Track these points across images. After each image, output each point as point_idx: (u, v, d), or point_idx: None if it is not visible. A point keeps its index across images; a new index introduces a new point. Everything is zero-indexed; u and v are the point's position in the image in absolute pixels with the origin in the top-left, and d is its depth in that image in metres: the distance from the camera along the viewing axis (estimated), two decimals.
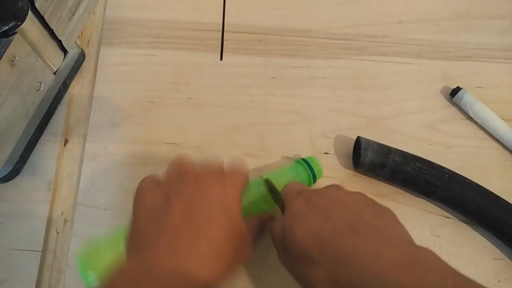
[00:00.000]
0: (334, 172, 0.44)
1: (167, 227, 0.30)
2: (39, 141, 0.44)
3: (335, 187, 0.34)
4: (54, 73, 0.42)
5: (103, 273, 0.33)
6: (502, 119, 0.46)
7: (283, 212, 0.36)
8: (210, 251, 0.29)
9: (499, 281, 0.41)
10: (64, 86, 0.45)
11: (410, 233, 0.30)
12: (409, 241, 0.29)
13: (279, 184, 0.38)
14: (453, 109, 0.47)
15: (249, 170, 0.37)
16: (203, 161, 0.36)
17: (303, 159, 0.41)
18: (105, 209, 0.42)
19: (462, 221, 0.43)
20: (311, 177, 0.40)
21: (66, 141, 0.44)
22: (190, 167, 0.34)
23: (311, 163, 0.41)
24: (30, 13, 0.35)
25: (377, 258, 0.27)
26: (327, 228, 0.30)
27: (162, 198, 0.31)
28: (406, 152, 0.42)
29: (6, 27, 0.33)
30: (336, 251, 0.28)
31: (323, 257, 0.29)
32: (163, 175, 0.34)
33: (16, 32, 0.34)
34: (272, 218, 0.38)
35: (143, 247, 0.29)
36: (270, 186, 0.38)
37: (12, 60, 0.35)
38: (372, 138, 0.43)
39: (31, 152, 0.43)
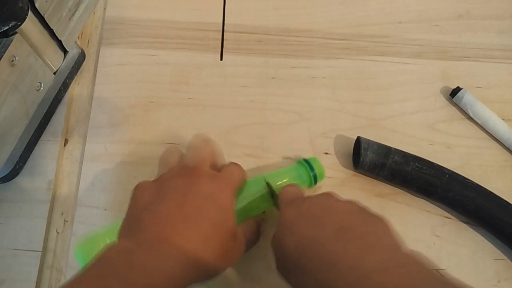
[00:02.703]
0: (334, 172, 0.44)
1: (160, 215, 0.30)
2: (39, 141, 0.44)
3: (326, 195, 0.34)
4: (54, 73, 0.42)
5: None
6: (502, 119, 0.46)
7: None
8: (198, 240, 0.30)
9: (499, 281, 0.41)
10: (64, 86, 0.45)
11: (410, 233, 0.30)
12: (395, 246, 0.29)
13: (279, 185, 0.38)
14: (453, 109, 0.47)
15: (244, 172, 0.37)
16: (192, 150, 0.36)
17: (305, 160, 0.41)
18: (105, 209, 0.42)
19: (462, 221, 0.43)
20: (312, 178, 0.40)
21: (66, 141, 0.44)
22: (183, 161, 0.35)
23: (312, 164, 0.40)
24: (30, 13, 0.35)
25: (361, 263, 0.27)
26: (314, 236, 0.30)
27: (157, 190, 0.33)
28: (406, 152, 0.42)
29: (6, 27, 0.33)
30: (322, 258, 0.28)
31: (311, 264, 0.29)
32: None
33: (16, 32, 0.34)
34: (265, 221, 0.39)
35: (134, 230, 0.30)
36: (270, 189, 0.38)
37: (12, 60, 0.35)
38: (372, 138, 0.43)
39: (31, 152, 0.43)
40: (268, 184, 0.38)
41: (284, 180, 0.40)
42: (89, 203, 0.42)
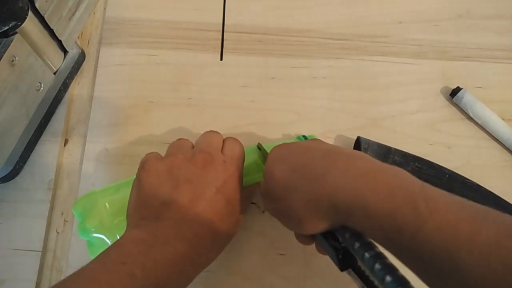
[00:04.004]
0: None
1: (173, 206, 0.31)
2: (39, 141, 0.44)
3: (315, 139, 0.37)
4: (54, 73, 0.42)
5: (100, 222, 0.35)
6: (502, 119, 0.46)
7: None
8: (209, 236, 0.31)
9: None
10: (64, 86, 0.45)
11: None
12: (379, 162, 0.30)
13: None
14: (453, 109, 0.47)
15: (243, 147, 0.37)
16: (205, 141, 0.36)
17: (303, 136, 0.42)
18: None
19: None
20: None
21: (66, 141, 0.44)
22: (196, 150, 0.35)
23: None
24: (30, 13, 0.35)
25: (348, 171, 0.29)
26: (303, 159, 0.32)
27: (170, 175, 0.33)
28: (406, 152, 0.42)
29: (6, 27, 0.33)
30: (310, 173, 0.30)
31: (299, 182, 0.30)
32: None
33: (16, 32, 0.34)
34: (258, 187, 0.40)
35: (148, 219, 0.31)
36: (262, 150, 0.39)
37: (12, 60, 0.35)
38: (372, 138, 0.43)
39: (31, 152, 0.43)
40: (259, 146, 0.39)
41: None
42: None
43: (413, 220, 0.24)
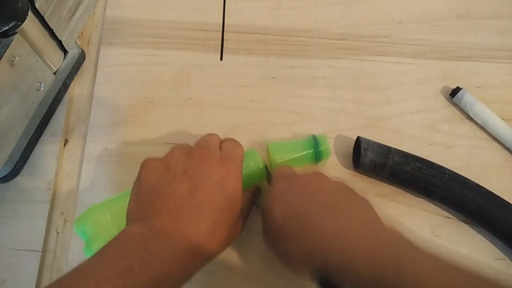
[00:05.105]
0: (334, 172, 0.44)
1: (171, 200, 0.31)
2: (39, 141, 0.44)
3: (317, 173, 0.36)
4: (54, 73, 0.42)
5: (100, 232, 0.35)
6: (502, 119, 0.46)
7: None
8: (208, 229, 0.31)
9: (499, 281, 0.40)
10: (64, 86, 0.45)
11: (410, 233, 0.30)
12: (374, 219, 0.32)
13: (282, 153, 0.41)
14: (453, 109, 0.47)
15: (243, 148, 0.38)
16: (203, 140, 0.37)
17: (313, 136, 0.42)
18: None
19: (462, 221, 0.43)
20: (314, 154, 0.41)
21: (66, 141, 0.44)
22: (193, 147, 0.36)
23: (319, 141, 0.41)
24: (30, 13, 0.35)
25: (342, 232, 0.30)
26: (302, 208, 0.32)
27: (167, 170, 0.33)
28: (406, 152, 0.42)
29: (6, 27, 0.33)
30: (307, 228, 0.31)
31: (296, 234, 0.31)
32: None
33: (16, 32, 0.35)
34: (259, 191, 0.41)
35: (147, 216, 0.31)
36: (266, 168, 0.40)
37: (12, 60, 0.35)
38: (372, 138, 0.43)
39: (31, 152, 0.43)
40: (264, 164, 0.40)
41: (287, 150, 0.41)
42: (89, 203, 0.42)
43: (396, 284, 0.27)
